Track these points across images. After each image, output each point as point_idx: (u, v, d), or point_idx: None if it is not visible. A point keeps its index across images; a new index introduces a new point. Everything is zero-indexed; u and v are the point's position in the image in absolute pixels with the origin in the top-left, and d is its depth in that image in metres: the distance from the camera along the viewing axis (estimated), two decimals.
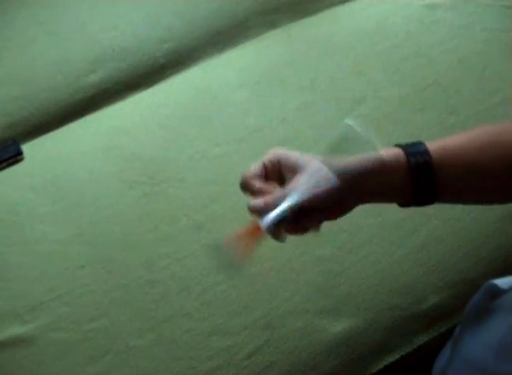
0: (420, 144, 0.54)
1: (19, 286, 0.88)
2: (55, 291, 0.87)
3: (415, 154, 0.53)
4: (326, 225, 0.92)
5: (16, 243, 0.92)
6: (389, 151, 0.54)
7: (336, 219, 0.56)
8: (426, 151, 0.53)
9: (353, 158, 0.54)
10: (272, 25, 1.20)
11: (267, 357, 0.83)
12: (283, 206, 0.54)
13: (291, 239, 0.94)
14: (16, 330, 0.85)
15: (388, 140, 1.02)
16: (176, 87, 1.12)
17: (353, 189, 0.54)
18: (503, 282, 0.60)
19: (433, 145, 0.54)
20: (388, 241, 0.91)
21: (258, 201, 0.54)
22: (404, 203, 0.56)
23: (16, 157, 1.02)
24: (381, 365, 0.85)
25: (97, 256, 0.91)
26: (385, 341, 0.86)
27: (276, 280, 0.88)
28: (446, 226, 0.92)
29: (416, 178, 0.52)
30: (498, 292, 0.58)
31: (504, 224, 0.93)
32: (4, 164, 1.01)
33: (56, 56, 1.13)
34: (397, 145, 0.55)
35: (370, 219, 0.93)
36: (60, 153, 1.03)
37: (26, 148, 1.04)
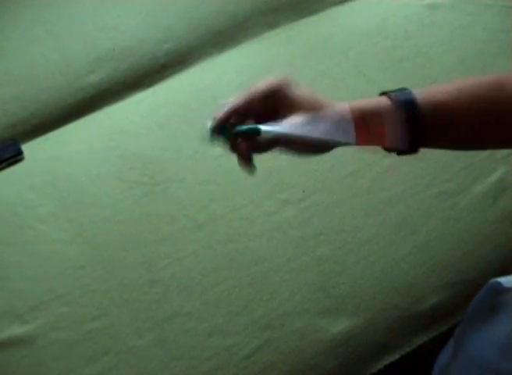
0: (407, 91, 0.54)
1: (19, 286, 0.88)
2: (55, 291, 0.87)
3: (403, 103, 0.53)
4: (326, 225, 0.93)
5: (16, 243, 0.92)
6: (373, 100, 0.55)
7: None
8: (414, 100, 0.53)
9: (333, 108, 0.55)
10: (272, 25, 1.20)
11: (267, 357, 0.83)
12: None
13: (291, 239, 0.95)
14: (15, 330, 0.85)
15: None
16: (176, 87, 1.12)
17: None
18: (506, 280, 0.60)
19: (420, 93, 0.54)
20: (388, 241, 0.91)
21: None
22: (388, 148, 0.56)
23: (15, 157, 1.02)
24: (381, 365, 0.85)
25: (97, 256, 0.91)
26: (385, 340, 0.86)
27: (276, 280, 0.88)
28: (446, 226, 0.92)
29: (402, 128, 0.52)
30: (501, 290, 0.58)
31: (504, 224, 0.93)
32: (4, 164, 1.01)
33: (56, 56, 1.13)
34: (385, 93, 0.56)
35: (370, 219, 0.93)
36: (60, 153, 1.03)
37: (26, 148, 1.04)
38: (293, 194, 0.95)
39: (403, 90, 0.54)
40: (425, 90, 0.54)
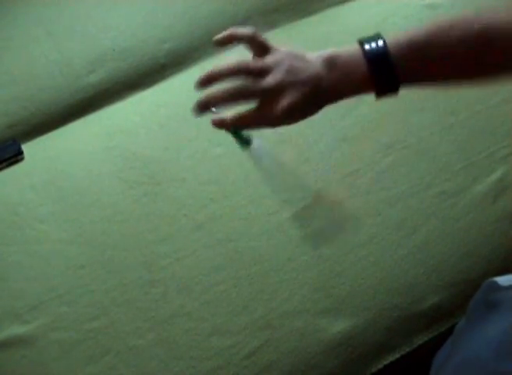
0: (380, 38, 0.58)
1: (19, 286, 0.88)
2: (55, 291, 0.88)
3: (373, 51, 0.57)
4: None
5: (16, 243, 0.92)
6: (346, 49, 0.60)
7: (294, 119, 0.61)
8: (384, 47, 0.56)
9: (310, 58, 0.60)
10: (272, 25, 1.20)
11: (267, 357, 0.83)
12: None
13: (291, 239, 0.95)
14: (16, 330, 0.85)
15: (388, 140, 1.03)
16: (176, 87, 1.12)
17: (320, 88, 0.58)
18: (503, 279, 0.60)
19: (394, 38, 0.57)
20: (388, 241, 0.91)
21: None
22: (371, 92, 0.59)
23: (16, 157, 1.02)
24: (381, 364, 0.85)
25: (97, 256, 0.91)
26: (385, 340, 0.86)
27: (276, 280, 0.88)
28: (446, 226, 0.92)
29: (375, 74, 0.56)
30: (497, 288, 0.59)
31: (504, 224, 0.93)
32: (4, 164, 1.01)
33: (56, 56, 1.13)
34: (359, 41, 0.60)
35: (370, 219, 0.93)
36: (60, 153, 1.03)
37: (26, 148, 1.04)
38: (293, 194, 0.95)
39: (376, 36, 0.58)
40: (402, 33, 0.57)
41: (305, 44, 1.16)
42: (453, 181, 0.96)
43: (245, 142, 0.65)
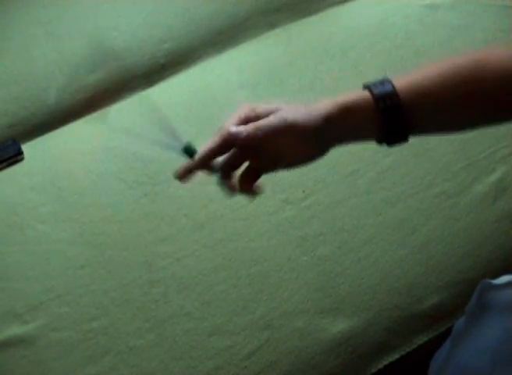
0: (388, 82, 0.54)
1: (19, 286, 0.88)
2: (55, 291, 0.88)
3: (384, 96, 0.52)
4: (326, 225, 0.93)
5: (16, 243, 0.92)
6: (355, 94, 0.55)
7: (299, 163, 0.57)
8: (395, 93, 0.52)
9: (316, 106, 0.56)
10: (272, 25, 1.20)
11: (267, 357, 0.83)
12: None
13: (291, 239, 0.95)
14: (16, 330, 0.85)
15: None
16: (176, 87, 1.12)
17: (322, 134, 0.54)
18: (497, 280, 0.60)
19: (402, 84, 0.53)
20: (388, 241, 0.91)
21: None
22: (378, 141, 0.56)
23: (16, 157, 1.02)
24: (381, 364, 0.85)
25: (97, 256, 0.91)
26: (385, 340, 0.86)
27: (276, 280, 0.88)
28: (446, 226, 0.92)
29: (386, 121, 0.53)
30: (491, 287, 0.59)
31: (504, 224, 0.93)
32: (4, 164, 1.01)
33: (56, 56, 1.13)
34: (365, 86, 0.55)
35: (370, 219, 0.93)
36: (60, 153, 1.03)
37: (26, 148, 1.04)
38: (293, 194, 0.95)
39: (384, 81, 0.54)
40: (406, 78, 0.54)
41: (305, 44, 1.17)
42: (453, 181, 0.96)
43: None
